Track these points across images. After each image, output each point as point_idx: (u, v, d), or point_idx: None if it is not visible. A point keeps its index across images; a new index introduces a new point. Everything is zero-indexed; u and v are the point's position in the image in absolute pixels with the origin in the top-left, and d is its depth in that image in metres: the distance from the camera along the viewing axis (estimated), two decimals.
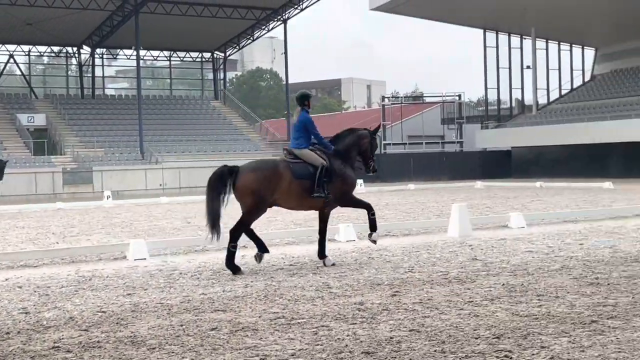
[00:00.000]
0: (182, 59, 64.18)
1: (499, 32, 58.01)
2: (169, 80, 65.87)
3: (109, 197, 32.94)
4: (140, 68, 49.83)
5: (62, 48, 59.44)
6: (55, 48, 59.44)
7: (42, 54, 60.59)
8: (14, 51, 57.47)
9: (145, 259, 12.25)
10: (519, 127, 53.99)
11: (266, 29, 57.48)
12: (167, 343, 6.35)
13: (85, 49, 58.98)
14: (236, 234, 10.50)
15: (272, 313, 7.44)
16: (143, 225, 19.80)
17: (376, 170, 11.56)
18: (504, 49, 58.24)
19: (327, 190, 10.71)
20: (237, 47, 62.14)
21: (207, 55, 63.27)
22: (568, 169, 47.40)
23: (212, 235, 10.42)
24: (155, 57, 63.96)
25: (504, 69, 58.30)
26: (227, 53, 62.90)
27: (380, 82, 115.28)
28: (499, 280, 9.01)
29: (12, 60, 58.20)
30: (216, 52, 62.47)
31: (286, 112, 57.25)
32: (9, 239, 16.81)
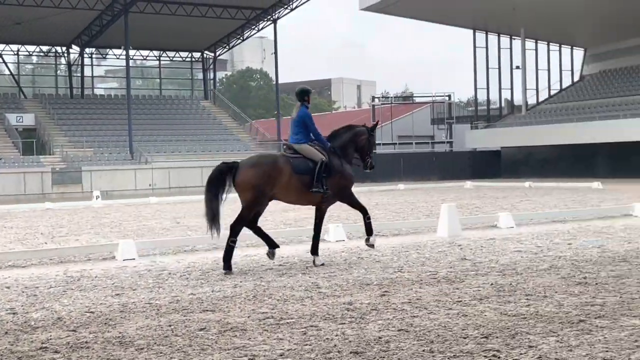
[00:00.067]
0: (171, 58, 64.02)
1: (488, 32, 58.20)
2: (158, 80, 65.67)
3: (98, 197, 32.86)
4: (129, 68, 49.71)
5: (51, 48, 59.21)
6: (45, 48, 59.20)
7: (31, 53, 60.30)
8: (2, 51, 57.13)
9: (134, 259, 12.22)
10: (508, 127, 54.15)
11: (256, 28, 57.42)
12: (156, 343, 6.33)
13: (75, 49, 58.79)
14: (236, 229, 10.50)
15: (261, 313, 7.43)
16: (132, 225, 19.75)
17: (373, 167, 11.61)
18: (494, 49, 58.50)
19: (325, 186, 10.75)
20: (227, 47, 62.02)
21: (196, 55, 63.14)
22: (557, 169, 47.60)
23: (212, 232, 10.44)
24: (145, 57, 63.83)
25: (494, 69, 58.52)
26: (217, 53, 62.78)
27: (370, 82, 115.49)
28: (487, 280, 9.03)
29: (0, 60, 57.95)
30: (206, 52, 62.35)
31: (276, 112, 57.23)
32: None
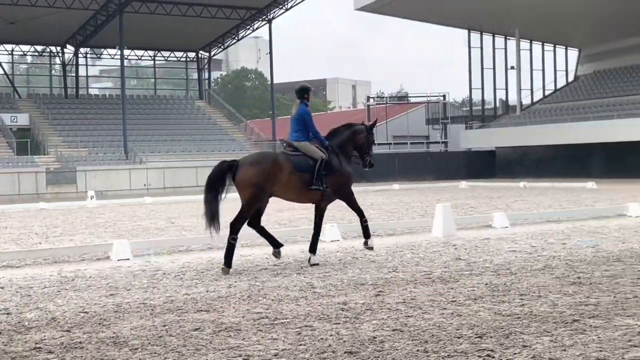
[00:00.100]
0: (166, 58, 63.97)
1: (483, 32, 58.30)
2: (153, 80, 65.57)
3: (93, 197, 32.80)
4: (124, 68, 49.60)
5: (45, 47, 59.10)
6: (39, 47, 59.09)
7: (25, 53, 60.20)
8: None
9: (128, 259, 12.20)
10: (503, 128, 54.23)
11: (251, 28, 57.39)
12: (150, 343, 6.33)
13: (69, 49, 58.67)
14: (236, 227, 10.51)
15: (256, 313, 7.43)
16: (127, 225, 19.72)
17: (373, 165, 11.62)
18: (489, 49, 58.63)
19: (325, 184, 10.78)
20: (222, 46, 62.00)
21: (191, 55, 63.10)
22: (551, 169, 47.70)
23: (211, 230, 10.47)
24: (140, 57, 63.71)
25: (489, 70, 58.62)
26: (212, 53, 62.76)
27: (365, 82, 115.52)
28: (482, 280, 9.04)
29: None
30: (201, 51, 62.30)
31: (271, 112, 57.21)
32: None
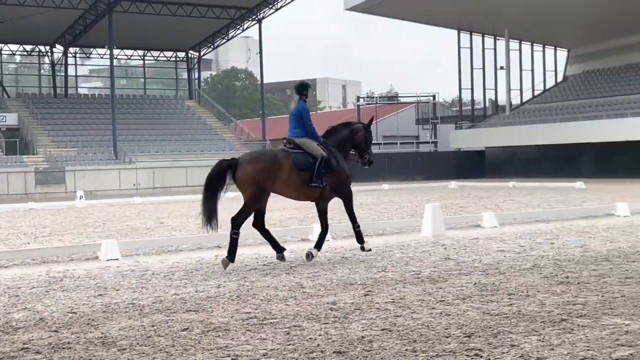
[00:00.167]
0: (156, 58, 63.81)
1: (472, 32, 58.42)
2: (142, 80, 65.45)
3: (82, 197, 32.69)
4: (113, 67, 49.52)
5: (34, 47, 58.89)
6: (28, 47, 58.86)
7: (14, 52, 59.89)
8: None
9: (117, 259, 12.17)
10: (492, 128, 54.38)
11: (241, 28, 57.34)
12: (138, 344, 6.31)
13: (58, 48, 58.50)
14: (237, 222, 10.51)
15: (245, 313, 7.42)
16: (116, 225, 19.67)
17: (372, 163, 11.69)
18: (478, 49, 58.72)
19: (324, 182, 10.80)
20: (212, 46, 61.92)
21: (181, 54, 62.98)
22: (540, 169, 47.88)
23: (207, 229, 10.49)
24: (129, 57, 63.56)
25: (478, 70, 58.74)
26: (202, 52, 62.65)
27: (355, 82, 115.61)
28: (470, 280, 9.07)
29: None
30: (190, 51, 62.19)
31: (261, 112, 57.17)
32: None
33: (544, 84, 60.65)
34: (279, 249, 10.94)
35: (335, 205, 11.62)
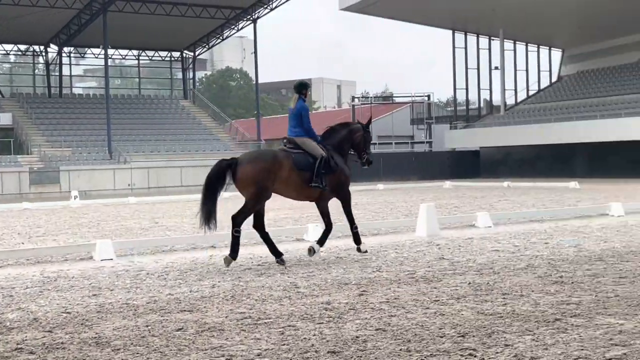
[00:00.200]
0: (150, 58, 63.74)
1: (467, 33, 58.49)
2: (137, 80, 65.33)
3: (76, 197, 32.63)
4: (108, 67, 49.43)
5: (29, 46, 58.73)
6: (22, 46, 58.71)
7: (8, 52, 59.79)
8: None
9: (111, 259, 12.15)
10: (487, 128, 54.45)
11: (236, 28, 57.30)
12: (132, 344, 6.30)
13: (53, 48, 58.35)
14: (238, 220, 10.54)
15: (239, 313, 7.42)
16: (110, 225, 19.64)
17: (371, 163, 11.72)
18: (473, 49, 58.84)
19: (324, 182, 10.82)
20: (207, 46, 61.86)
21: (176, 54, 62.90)
22: (535, 169, 47.96)
23: (205, 228, 10.49)
24: (124, 56, 63.46)
25: (473, 70, 58.83)
26: (197, 52, 62.59)
27: (350, 82, 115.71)
28: (465, 279, 9.08)
29: None
30: (185, 51, 62.13)
31: (256, 112, 57.15)
32: None
33: (538, 84, 60.79)
34: (277, 254, 10.90)
35: (333, 206, 11.62)
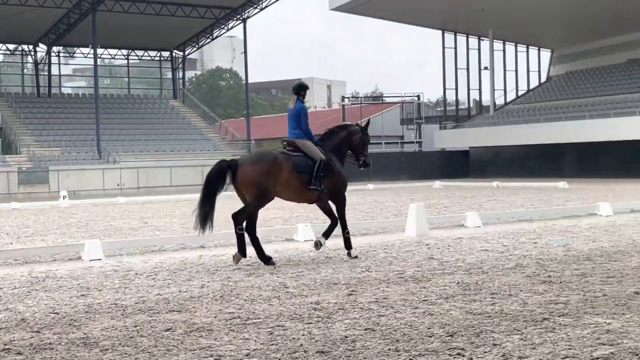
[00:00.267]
0: (140, 57, 63.53)
1: (457, 33, 58.62)
2: (127, 79, 65.13)
3: (65, 197, 32.51)
4: (97, 66, 49.25)
5: (17, 46, 58.46)
6: (11, 46, 58.43)
7: None
8: None
9: (100, 259, 12.11)
10: (476, 128, 54.59)
11: (225, 28, 57.20)
12: (121, 344, 6.29)
13: (42, 47, 58.10)
14: (239, 218, 10.60)
15: (228, 313, 7.41)
16: (99, 225, 19.58)
17: (368, 165, 11.78)
18: (462, 50, 58.98)
19: (322, 185, 10.89)
20: (197, 46, 61.74)
21: (165, 54, 62.74)
22: (524, 169, 48.11)
23: (201, 229, 10.53)
24: (113, 56, 63.23)
25: (462, 70, 58.98)
26: (186, 52, 62.45)
27: (340, 82, 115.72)
28: (454, 279, 9.10)
29: None
30: (175, 51, 61.98)
31: (246, 112, 57.08)
32: None
33: (527, 84, 61.00)
34: (266, 260, 10.76)
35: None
